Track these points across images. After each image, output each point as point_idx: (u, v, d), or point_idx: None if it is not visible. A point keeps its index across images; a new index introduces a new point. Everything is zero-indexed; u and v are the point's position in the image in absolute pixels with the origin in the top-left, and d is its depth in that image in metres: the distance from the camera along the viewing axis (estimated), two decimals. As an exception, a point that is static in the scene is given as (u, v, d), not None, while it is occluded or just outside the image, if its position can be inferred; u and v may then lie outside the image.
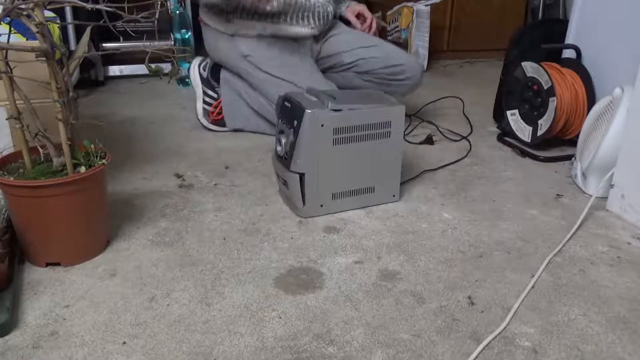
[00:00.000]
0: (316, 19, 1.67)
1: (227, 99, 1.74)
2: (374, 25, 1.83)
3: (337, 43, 1.75)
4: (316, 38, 1.73)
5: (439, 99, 2.05)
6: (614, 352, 0.84)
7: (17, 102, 0.99)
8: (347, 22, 1.83)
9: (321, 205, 1.22)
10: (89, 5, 0.92)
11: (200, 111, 1.76)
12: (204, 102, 1.76)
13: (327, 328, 0.88)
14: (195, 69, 1.79)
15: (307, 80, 1.52)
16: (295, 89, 1.51)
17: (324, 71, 1.76)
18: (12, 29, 0.95)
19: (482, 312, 0.93)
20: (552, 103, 1.51)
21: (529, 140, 1.61)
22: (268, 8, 1.59)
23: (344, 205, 1.24)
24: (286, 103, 1.22)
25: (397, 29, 2.64)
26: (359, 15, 1.83)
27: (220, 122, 1.76)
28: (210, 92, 1.76)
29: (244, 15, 1.62)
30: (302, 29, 1.66)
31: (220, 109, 1.74)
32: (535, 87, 1.57)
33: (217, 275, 1.01)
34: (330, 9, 1.70)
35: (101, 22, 0.92)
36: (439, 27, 2.76)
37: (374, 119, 1.20)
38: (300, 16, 1.64)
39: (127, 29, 0.98)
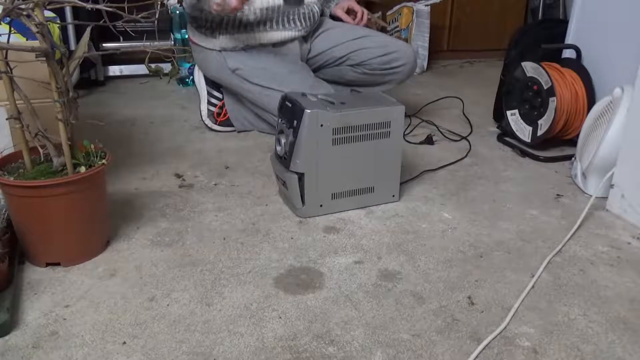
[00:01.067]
0: (302, 20, 1.66)
1: (229, 104, 1.74)
2: (365, 19, 1.81)
3: (327, 39, 1.74)
4: (305, 38, 1.72)
5: (439, 99, 2.05)
6: (614, 352, 0.84)
7: (17, 102, 0.99)
8: (340, 20, 1.82)
9: (321, 205, 1.22)
10: (89, 5, 0.92)
11: (205, 112, 1.76)
12: (209, 102, 1.76)
13: (327, 328, 0.88)
14: (199, 71, 1.79)
15: (298, 86, 1.50)
16: None
17: (317, 69, 1.75)
18: (12, 29, 0.95)
19: (482, 312, 0.93)
20: (552, 103, 1.51)
21: (529, 140, 1.61)
22: (239, 15, 1.56)
23: (344, 205, 1.24)
24: (287, 103, 1.21)
25: (397, 29, 2.64)
26: (349, 11, 1.81)
27: (225, 122, 1.76)
28: (215, 93, 1.76)
29: (229, 28, 1.60)
30: (289, 32, 1.65)
31: (223, 106, 1.74)
32: (535, 87, 1.57)
33: (217, 275, 1.01)
34: (317, 8, 1.69)
35: (101, 22, 0.92)
36: (439, 27, 2.76)
37: (373, 119, 1.20)
38: (286, 20, 1.63)
39: (127, 29, 0.98)
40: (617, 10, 1.51)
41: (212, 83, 1.77)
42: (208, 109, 1.75)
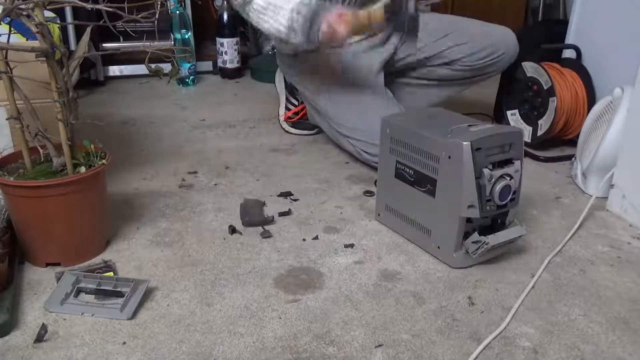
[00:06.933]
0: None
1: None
2: None
3: (411, 42, 1.57)
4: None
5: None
6: (614, 352, 0.84)
7: (17, 102, 0.99)
8: None
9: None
10: (89, 5, 0.92)
11: (282, 117, 1.75)
12: (286, 107, 1.74)
13: (327, 328, 0.88)
14: (280, 75, 1.77)
15: (381, 115, 1.20)
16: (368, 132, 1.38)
17: (402, 72, 1.62)
18: (12, 29, 0.95)
19: (482, 312, 0.93)
20: (552, 103, 1.51)
21: (529, 140, 1.61)
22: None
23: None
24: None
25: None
26: None
27: (301, 126, 1.73)
28: (292, 100, 1.74)
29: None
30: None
31: (299, 112, 1.72)
32: (535, 87, 1.57)
33: (217, 275, 1.01)
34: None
35: (101, 22, 0.92)
36: (439, 27, 2.75)
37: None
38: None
39: (127, 29, 0.98)
40: (617, 10, 1.51)
41: (290, 89, 1.73)
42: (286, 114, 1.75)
